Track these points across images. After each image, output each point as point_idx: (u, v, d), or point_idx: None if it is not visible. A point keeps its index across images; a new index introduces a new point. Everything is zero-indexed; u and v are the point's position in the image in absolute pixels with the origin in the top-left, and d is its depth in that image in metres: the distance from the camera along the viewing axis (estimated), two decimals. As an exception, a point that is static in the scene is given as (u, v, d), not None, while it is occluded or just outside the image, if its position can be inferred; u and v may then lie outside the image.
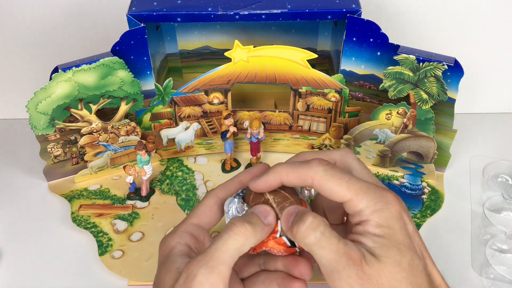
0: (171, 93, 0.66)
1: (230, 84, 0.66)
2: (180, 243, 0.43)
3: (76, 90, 0.59)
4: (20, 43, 0.74)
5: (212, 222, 0.46)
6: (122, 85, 0.61)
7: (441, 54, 0.59)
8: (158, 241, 0.45)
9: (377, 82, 0.63)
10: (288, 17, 0.60)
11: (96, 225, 0.62)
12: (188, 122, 0.69)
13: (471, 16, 0.72)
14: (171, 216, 0.63)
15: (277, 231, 0.42)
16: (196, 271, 0.38)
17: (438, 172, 0.68)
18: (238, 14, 0.59)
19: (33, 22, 0.72)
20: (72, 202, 0.65)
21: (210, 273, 0.37)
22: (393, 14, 0.72)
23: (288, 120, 0.70)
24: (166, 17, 0.60)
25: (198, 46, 0.73)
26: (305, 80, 0.65)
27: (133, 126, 0.66)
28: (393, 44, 0.60)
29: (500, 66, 0.76)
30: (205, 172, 0.70)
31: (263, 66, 0.63)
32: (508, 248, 0.58)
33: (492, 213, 0.62)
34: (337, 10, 0.59)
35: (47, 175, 0.68)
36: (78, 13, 0.72)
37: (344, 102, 0.66)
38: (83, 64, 0.58)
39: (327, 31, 0.71)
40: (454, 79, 0.59)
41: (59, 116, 0.61)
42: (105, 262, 0.58)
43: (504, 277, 0.55)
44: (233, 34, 0.71)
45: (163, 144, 0.70)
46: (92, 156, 0.67)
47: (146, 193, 0.66)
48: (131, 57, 0.61)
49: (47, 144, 0.64)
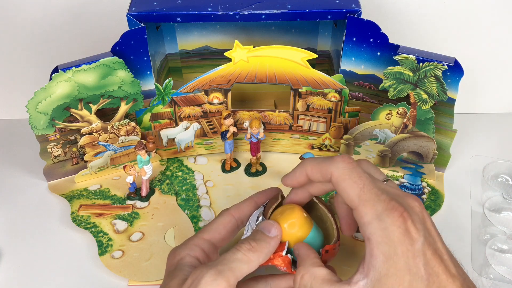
0: (171, 93, 0.66)
1: (230, 84, 0.66)
2: (190, 255, 0.43)
3: (76, 90, 0.59)
4: (20, 43, 0.74)
5: (224, 240, 0.46)
6: (122, 85, 0.61)
7: (441, 54, 0.59)
8: (158, 241, 0.45)
9: (377, 82, 0.63)
10: (288, 17, 0.60)
11: (96, 225, 0.62)
12: (188, 122, 0.69)
13: (471, 16, 0.72)
14: (171, 216, 0.63)
15: (284, 249, 0.42)
16: (205, 273, 0.38)
17: (438, 172, 0.68)
18: (238, 14, 0.59)
19: (33, 22, 0.72)
20: (72, 202, 0.65)
21: (218, 275, 0.37)
22: (393, 14, 0.72)
23: (288, 120, 0.70)
24: (166, 17, 0.60)
25: (198, 46, 0.73)
26: (305, 80, 0.65)
27: (133, 126, 0.66)
28: (393, 44, 0.60)
29: (500, 66, 0.76)
30: (205, 172, 0.70)
31: (263, 66, 0.63)
32: (508, 248, 0.58)
33: (492, 213, 0.62)
34: (337, 10, 0.59)
35: (47, 175, 0.68)
36: (78, 13, 0.72)
37: (344, 102, 0.66)
38: (83, 64, 0.58)
39: (327, 31, 0.71)
40: (454, 79, 0.59)
41: (59, 116, 0.61)
42: (105, 262, 0.58)
43: (504, 277, 0.55)
44: (233, 34, 0.71)
45: (163, 144, 0.70)
46: (92, 156, 0.67)
47: (146, 193, 0.66)
48: (131, 57, 0.61)
49: (47, 144, 0.64)
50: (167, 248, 0.59)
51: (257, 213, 0.45)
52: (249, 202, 0.47)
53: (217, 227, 0.46)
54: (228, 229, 0.46)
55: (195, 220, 0.62)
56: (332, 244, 0.44)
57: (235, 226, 0.46)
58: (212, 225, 0.46)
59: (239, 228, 0.48)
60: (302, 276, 0.39)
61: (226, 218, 0.46)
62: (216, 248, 0.45)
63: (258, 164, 0.70)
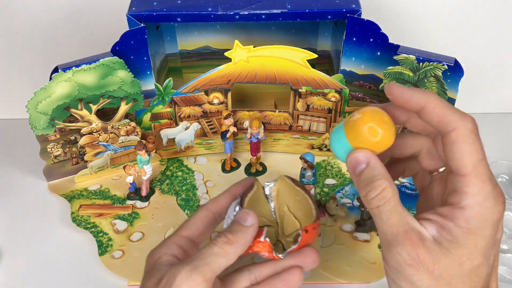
0: (171, 93, 0.66)
1: (230, 84, 0.66)
2: (167, 254, 0.42)
3: (76, 90, 0.59)
4: (20, 43, 0.74)
5: (202, 235, 0.45)
6: (122, 85, 0.61)
7: (441, 54, 0.59)
8: (158, 241, 0.45)
9: (377, 82, 0.63)
10: (288, 17, 0.60)
11: (96, 225, 0.62)
12: (188, 122, 0.69)
13: (471, 16, 0.72)
14: (171, 216, 0.63)
15: (262, 234, 0.42)
16: (180, 270, 0.37)
17: (438, 172, 0.68)
18: (238, 14, 0.59)
19: (33, 22, 0.72)
20: (72, 202, 0.65)
21: (193, 271, 0.37)
22: (393, 14, 0.72)
23: (288, 120, 0.70)
24: (166, 17, 0.60)
25: (198, 46, 0.73)
26: (305, 80, 0.65)
27: (133, 126, 0.66)
28: (393, 44, 0.60)
29: (500, 66, 0.76)
30: (205, 172, 0.70)
31: (263, 66, 0.63)
32: (508, 248, 0.58)
33: (492, 213, 0.62)
34: (337, 10, 0.59)
35: (47, 175, 0.68)
36: (78, 13, 0.72)
37: (344, 102, 0.66)
38: (83, 64, 0.58)
39: (327, 31, 0.71)
40: (454, 79, 0.59)
41: (59, 116, 0.61)
42: (105, 262, 0.58)
43: (504, 277, 0.55)
44: (233, 34, 0.71)
45: (163, 144, 0.70)
46: (92, 156, 0.67)
47: (146, 193, 0.66)
48: (131, 57, 0.61)
49: (47, 144, 0.64)
50: (167, 248, 0.59)
51: (235, 205, 0.45)
52: (226, 194, 0.47)
53: (194, 222, 0.45)
54: (205, 224, 0.45)
55: (195, 220, 0.62)
56: (312, 224, 0.44)
57: (212, 220, 0.46)
58: (189, 222, 0.45)
59: (218, 222, 0.47)
60: (384, 189, 0.36)
61: (203, 213, 0.46)
62: (195, 244, 0.45)
63: (258, 164, 0.70)
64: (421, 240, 0.35)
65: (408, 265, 0.35)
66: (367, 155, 0.37)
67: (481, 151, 0.35)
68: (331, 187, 0.67)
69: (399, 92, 0.37)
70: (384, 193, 0.36)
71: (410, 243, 0.35)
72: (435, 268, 0.35)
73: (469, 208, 0.35)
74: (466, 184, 0.35)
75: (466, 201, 0.35)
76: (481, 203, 0.35)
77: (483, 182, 0.35)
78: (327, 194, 0.66)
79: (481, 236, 0.35)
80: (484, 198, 0.35)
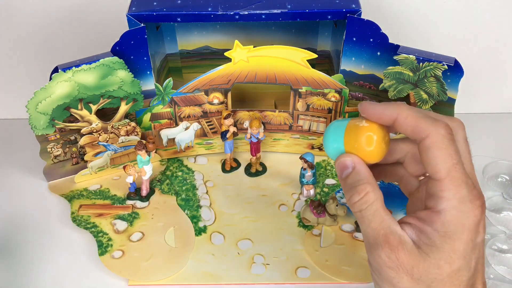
0: (171, 93, 0.66)
1: (230, 84, 0.66)
2: None
3: (76, 90, 0.59)
4: (20, 43, 0.74)
5: None
6: (122, 85, 0.61)
7: (441, 54, 0.59)
8: (158, 241, 0.45)
9: (377, 82, 0.63)
10: (288, 17, 0.60)
11: (96, 225, 0.62)
12: (188, 122, 0.69)
13: (471, 16, 0.72)
14: (171, 216, 0.63)
15: None
16: None
17: (438, 172, 0.68)
18: (238, 14, 0.59)
19: (33, 22, 0.72)
20: (72, 202, 0.65)
21: None
22: (393, 14, 0.72)
23: (288, 120, 0.70)
24: (166, 17, 0.60)
25: (198, 46, 0.73)
26: (305, 80, 0.65)
27: (133, 126, 0.66)
28: (393, 44, 0.60)
29: (500, 66, 0.76)
30: (205, 172, 0.70)
31: (263, 66, 0.63)
32: (508, 248, 0.58)
33: (492, 213, 0.62)
34: (337, 10, 0.59)
35: (47, 175, 0.68)
36: (78, 13, 0.72)
37: (344, 102, 0.66)
38: (83, 64, 0.58)
39: (327, 31, 0.71)
40: (454, 79, 0.59)
41: (59, 116, 0.61)
42: (105, 262, 0.58)
43: (504, 277, 0.55)
44: (233, 34, 0.71)
45: (163, 144, 0.70)
46: (92, 156, 0.67)
47: (146, 193, 0.66)
48: (131, 57, 0.61)
49: (47, 144, 0.64)
50: (167, 248, 0.59)
51: None
52: None
53: None
54: None
55: (195, 220, 0.62)
56: None
57: None
58: None
59: None
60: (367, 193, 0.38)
61: None
62: None
63: (258, 164, 0.70)
64: (400, 243, 0.36)
65: (388, 267, 0.36)
66: (354, 159, 0.39)
67: (455, 155, 0.36)
68: (331, 187, 0.67)
69: (371, 109, 0.39)
70: (366, 197, 0.37)
71: (389, 246, 0.36)
72: (414, 271, 0.36)
73: (444, 212, 0.35)
74: (442, 188, 0.36)
75: (441, 206, 0.36)
76: (457, 207, 0.35)
77: (458, 186, 0.35)
78: (327, 194, 0.66)
79: (458, 240, 0.35)
80: (459, 202, 0.35)
